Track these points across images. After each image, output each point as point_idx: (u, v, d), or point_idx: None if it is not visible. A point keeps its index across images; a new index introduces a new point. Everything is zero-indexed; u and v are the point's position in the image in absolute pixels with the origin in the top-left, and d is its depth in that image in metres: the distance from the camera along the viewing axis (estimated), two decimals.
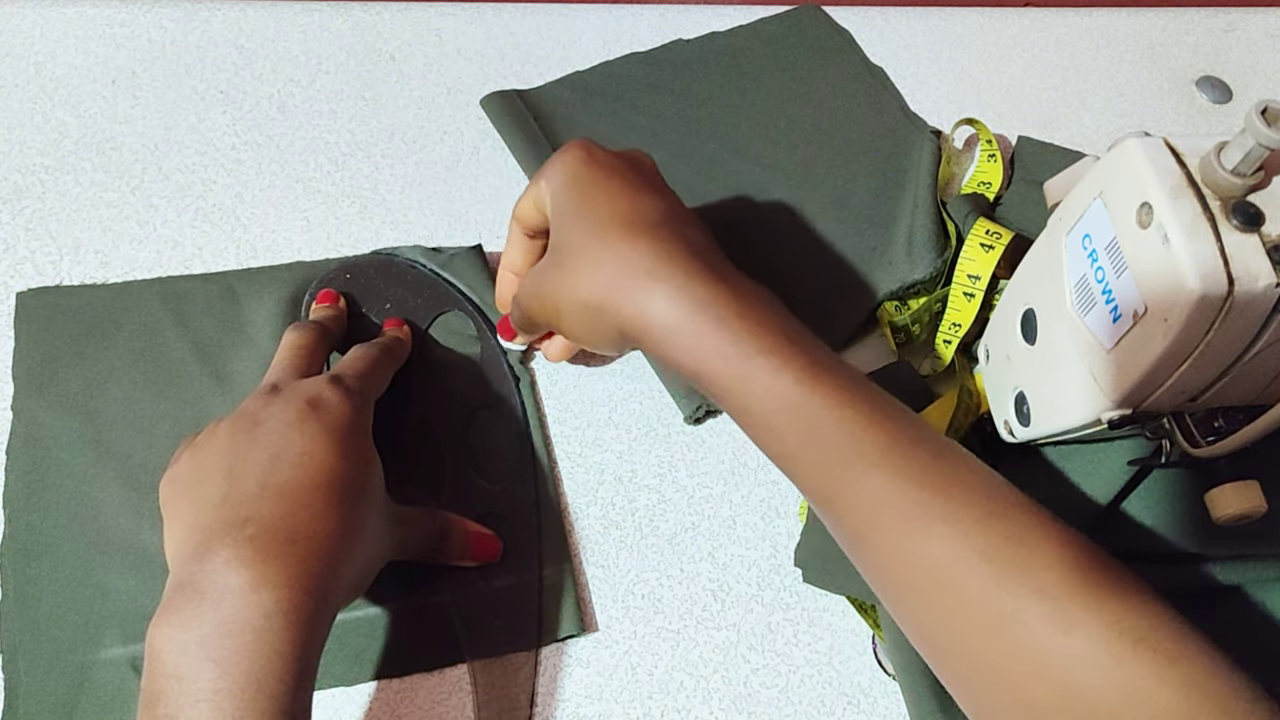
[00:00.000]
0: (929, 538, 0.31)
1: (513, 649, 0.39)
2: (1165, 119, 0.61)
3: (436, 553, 0.39)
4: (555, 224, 0.37)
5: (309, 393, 0.36)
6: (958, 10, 0.65)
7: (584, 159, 0.38)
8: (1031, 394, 0.39)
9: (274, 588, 0.30)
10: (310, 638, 0.31)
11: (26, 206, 0.48)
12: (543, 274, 0.38)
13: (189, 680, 0.29)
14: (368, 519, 0.35)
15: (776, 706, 0.40)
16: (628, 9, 0.61)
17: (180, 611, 0.30)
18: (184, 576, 0.31)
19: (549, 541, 0.42)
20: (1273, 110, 0.29)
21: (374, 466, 0.36)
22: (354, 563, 0.34)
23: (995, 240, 0.47)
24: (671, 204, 0.38)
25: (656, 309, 0.34)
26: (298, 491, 0.33)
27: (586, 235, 0.36)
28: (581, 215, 0.36)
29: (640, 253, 0.34)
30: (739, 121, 0.56)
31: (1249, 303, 0.29)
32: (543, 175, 0.39)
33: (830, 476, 0.33)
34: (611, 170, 0.37)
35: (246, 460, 0.33)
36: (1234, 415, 0.35)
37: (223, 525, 0.31)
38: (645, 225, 0.35)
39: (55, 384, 0.43)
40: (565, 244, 0.36)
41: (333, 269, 0.47)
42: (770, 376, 0.33)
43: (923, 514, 0.31)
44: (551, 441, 0.45)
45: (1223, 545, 0.38)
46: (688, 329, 0.33)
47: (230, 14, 0.57)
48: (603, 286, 0.35)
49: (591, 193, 0.37)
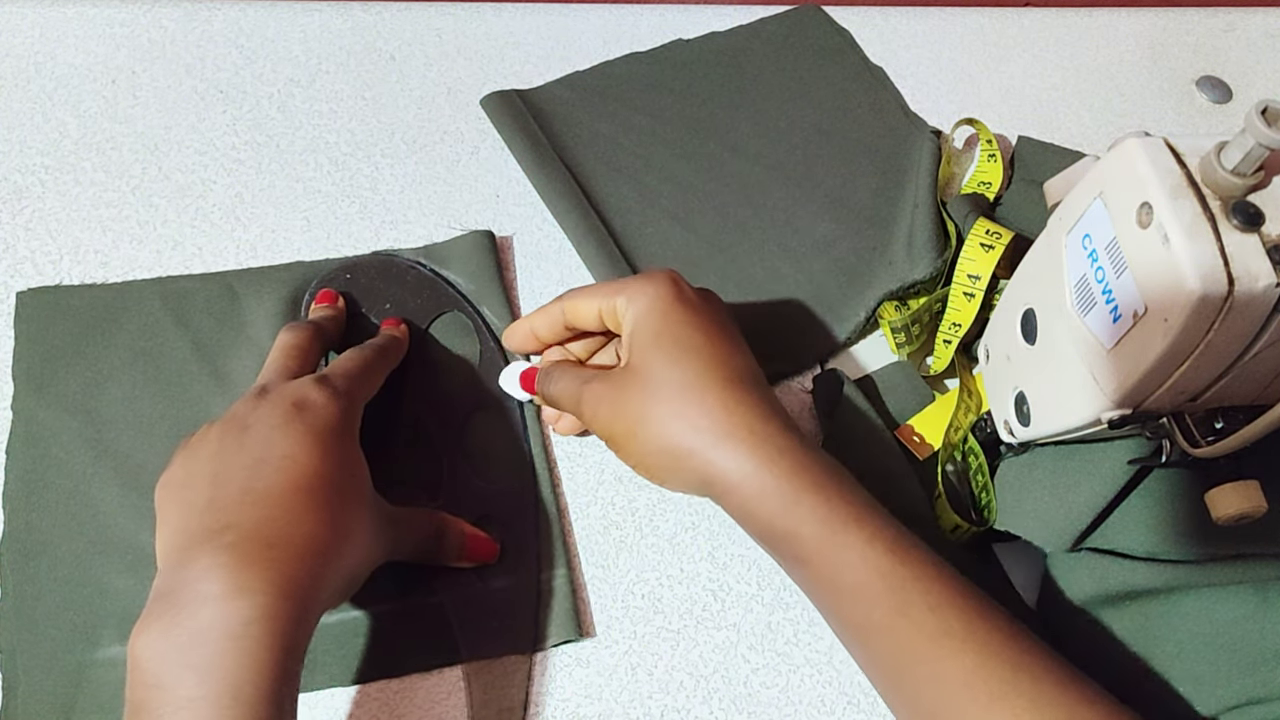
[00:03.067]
0: (1015, 715, 0.31)
1: (509, 651, 0.39)
2: (1165, 119, 0.61)
3: (433, 554, 0.39)
4: (641, 355, 0.37)
5: (295, 394, 0.36)
6: (958, 10, 0.65)
7: (676, 297, 0.38)
8: (1031, 394, 0.39)
9: (251, 594, 0.30)
10: (291, 642, 0.31)
11: (26, 206, 0.48)
12: (624, 393, 0.37)
13: (168, 689, 0.29)
14: (354, 520, 0.35)
15: (776, 706, 0.40)
16: (628, 9, 0.61)
17: (160, 620, 0.30)
18: (164, 585, 0.31)
19: (546, 544, 0.42)
20: (1273, 110, 0.29)
21: (360, 468, 0.36)
22: (340, 565, 0.33)
23: (995, 240, 0.47)
24: (750, 356, 0.39)
25: (752, 468, 0.35)
26: (280, 496, 0.33)
27: (686, 378, 0.36)
28: (679, 355, 0.37)
29: (744, 409, 0.36)
30: (739, 121, 0.56)
31: (1249, 303, 0.29)
32: (624, 293, 0.38)
33: (916, 650, 0.33)
34: (700, 314, 0.38)
35: (232, 465, 0.33)
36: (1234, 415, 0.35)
37: (204, 532, 0.32)
38: (744, 380, 0.37)
39: (55, 383, 0.43)
40: (658, 378, 0.36)
41: (333, 269, 0.47)
42: (864, 545, 0.34)
43: (1012, 691, 0.32)
44: (551, 441, 0.45)
45: (1223, 545, 0.38)
46: (783, 491, 0.34)
47: (230, 14, 0.57)
48: (698, 433, 0.35)
49: (687, 334, 0.37)
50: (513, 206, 0.52)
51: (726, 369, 0.37)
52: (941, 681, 0.33)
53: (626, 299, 0.38)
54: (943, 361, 0.48)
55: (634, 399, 0.37)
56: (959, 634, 0.33)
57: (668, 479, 0.37)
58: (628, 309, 0.38)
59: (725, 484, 0.35)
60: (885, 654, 0.34)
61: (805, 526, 0.34)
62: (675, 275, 0.39)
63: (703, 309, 0.38)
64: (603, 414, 0.38)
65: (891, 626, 0.33)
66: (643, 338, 0.38)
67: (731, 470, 0.35)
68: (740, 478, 0.35)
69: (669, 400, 0.36)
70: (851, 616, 0.35)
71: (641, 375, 0.37)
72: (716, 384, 0.36)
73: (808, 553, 0.35)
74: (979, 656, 0.32)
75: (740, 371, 0.37)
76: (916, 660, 0.33)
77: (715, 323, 0.38)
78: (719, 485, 0.36)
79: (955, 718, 0.32)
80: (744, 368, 0.38)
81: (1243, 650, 0.38)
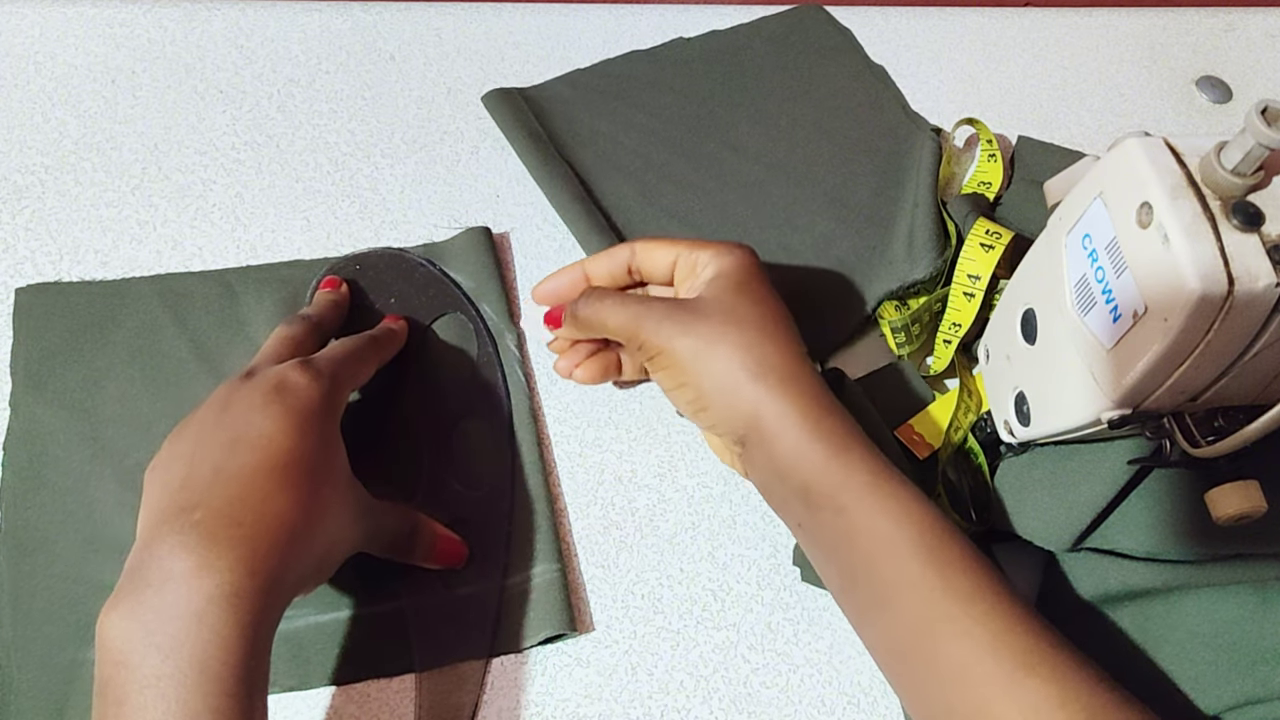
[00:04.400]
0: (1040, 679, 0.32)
1: (465, 658, 0.39)
2: (1165, 119, 0.61)
3: (404, 550, 0.39)
4: (721, 293, 0.39)
5: (278, 377, 0.36)
6: (958, 10, 0.65)
7: (759, 267, 0.41)
8: (1031, 394, 0.39)
9: (216, 571, 0.30)
10: (258, 619, 0.31)
11: (26, 206, 0.48)
12: (690, 316, 0.39)
13: (134, 667, 0.29)
14: (328, 503, 0.34)
15: (776, 706, 0.40)
16: (628, 9, 0.61)
17: (126, 599, 0.30)
18: (133, 563, 0.31)
19: (519, 553, 0.41)
20: (1273, 110, 0.29)
21: (338, 452, 0.36)
22: (311, 546, 0.33)
23: (995, 240, 0.47)
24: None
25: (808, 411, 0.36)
26: (252, 475, 0.33)
27: (762, 319, 0.38)
28: (758, 301, 0.39)
29: (806, 363, 0.38)
30: (740, 120, 0.56)
31: (1249, 303, 0.29)
32: (710, 249, 0.41)
33: (948, 609, 0.33)
34: (775, 292, 0.41)
35: (208, 444, 0.33)
36: (1234, 415, 0.35)
37: (174, 510, 0.32)
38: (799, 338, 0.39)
39: (53, 381, 0.43)
40: (736, 313, 0.38)
41: (343, 258, 0.47)
42: (910, 499, 0.35)
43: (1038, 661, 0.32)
44: (551, 442, 0.45)
45: (1223, 545, 0.38)
46: (837, 437, 0.36)
47: (230, 14, 0.57)
48: (761, 368, 0.37)
49: (765, 293, 0.40)
50: (513, 206, 0.52)
51: (790, 321, 0.39)
52: (970, 642, 0.33)
53: (713, 253, 0.40)
54: (943, 361, 0.48)
55: (708, 322, 0.38)
56: (990, 598, 0.33)
57: (714, 411, 0.38)
58: (711, 262, 0.40)
59: (779, 424, 0.36)
60: (912, 612, 0.34)
61: (855, 475, 0.35)
62: (754, 251, 0.41)
63: (776, 291, 0.41)
64: (666, 330, 0.38)
65: (925, 582, 0.34)
66: (725, 282, 0.39)
67: (788, 411, 0.36)
68: (796, 419, 0.36)
69: (747, 331, 0.38)
70: (884, 570, 0.35)
71: (723, 306, 0.38)
72: (793, 338, 0.38)
73: (850, 500, 0.35)
74: (1006, 622, 0.33)
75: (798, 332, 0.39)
76: (945, 618, 0.33)
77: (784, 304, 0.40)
78: (770, 425, 0.36)
79: (978, 680, 0.32)
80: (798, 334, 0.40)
81: (1243, 650, 0.38)
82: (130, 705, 0.29)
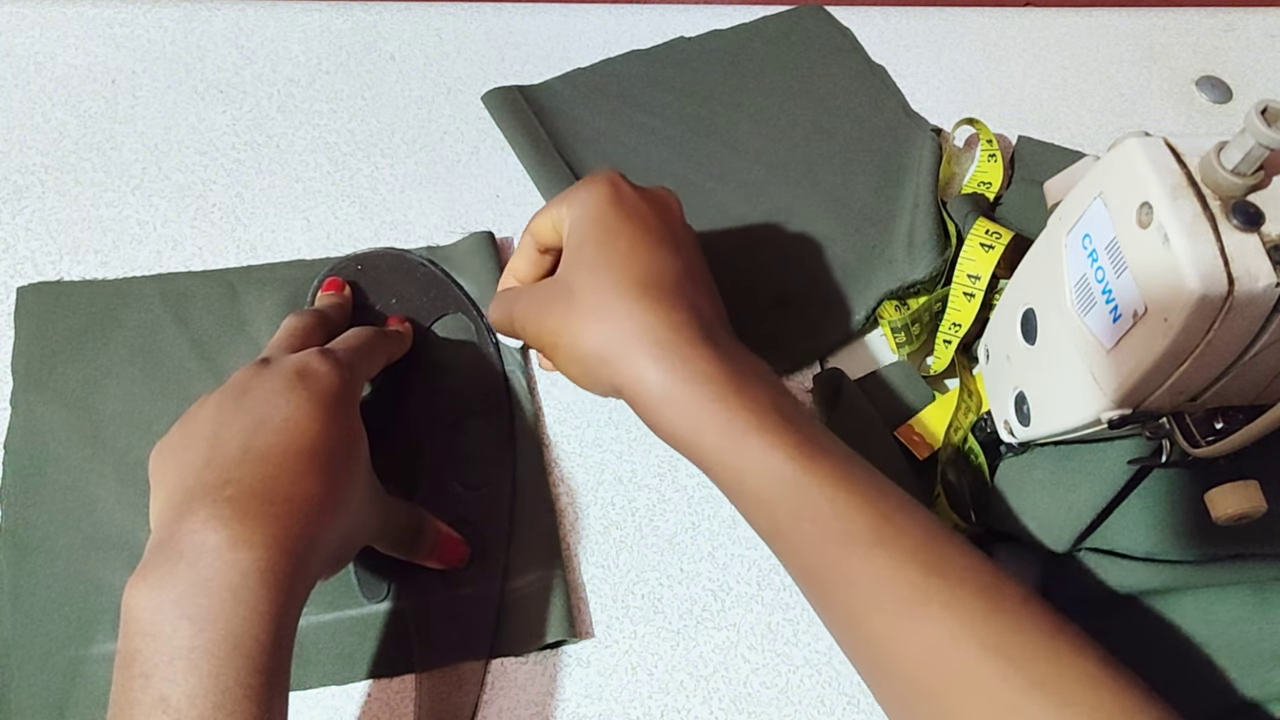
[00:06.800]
0: (929, 620, 0.31)
1: (465, 658, 0.39)
2: (1165, 119, 0.61)
3: (408, 547, 0.39)
4: (570, 258, 0.37)
5: (298, 363, 0.36)
6: (958, 10, 0.65)
7: (611, 198, 0.38)
8: (1031, 394, 0.39)
9: (251, 547, 0.30)
10: (288, 598, 0.31)
11: (26, 206, 0.48)
12: (547, 304, 0.38)
13: (164, 638, 0.29)
14: (350, 488, 0.34)
15: (776, 706, 0.40)
16: (628, 8, 0.61)
17: (157, 570, 0.30)
18: (163, 536, 0.31)
19: (520, 554, 0.41)
20: (1273, 110, 0.29)
21: (360, 438, 0.36)
22: (334, 530, 0.33)
23: (995, 240, 0.47)
24: (688, 261, 0.38)
25: (657, 377, 0.34)
26: (280, 456, 0.32)
27: (601, 285, 0.36)
28: (599, 261, 0.36)
29: (651, 317, 0.35)
30: (740, 119, 0.56)
31: (1249, 303, 0.29)
32: (565, 201, 0.39)
33: (824, 555, 0.33)
34: (636, 216, 0.38)
35: (231, 426, 0.33)
36: (1234, 415, 0.35)
37: (203, 487, 0.31)
38: (660, 287, 0.36)
39: (54, 379, 0.43)
40: (577, 286, 0.36)
41: (344, 258, 0.47)
42: (763, 453, 0.33)
43: (924, 597, 0.31)
44: (551, 442, 0.45)
45: (1223, 545, 0.38)
46: (685, 401, 0.34)
47: (230, 14, 0.57)
48: (607, 342, 0.35)
49: (613, 239, 0.37)
50: (513, 206, 0.52)
51: (645, 276, 0.36)
52: (852, 586, 0.32)
53: (567, 205, 0.38)
54: (943, 361, 0.48)
55: (556, 309, 0.37)
56: (867, 539, 0.32)
57: (590, 385, 0.37)
58: (566, 215, 0.38)
59: (632, 392, 0.35)
60: (796, 558, 0.34)
61: (706, 436, 0.34)
62: (616, 177, 0.39)
63: (636, 213, 0.38)
64: (530, 329, 0.38)
65: (796, 531, 0.33)
66: (571, 244, 0.38)
67: (635, 379, 0.35)
68: (644, 387, 0.35)
69: (584, 309, 0.36)
70: (759, 524, 0.35)
71: (563, 284, 0.37)
72: (630, 292, 0.35)
73: (709, 461, 0.35)
74: (891, 561, 0.32)
75: (659, 278, 0.36)
76: (826, 564, 0.33)
77: (645, 227, 0.37)
78: (627, 393, 0.35)
79: (869, 623, 0.32)
80: (666, 274, 0.36)
81: (1242, 650, 0.38)
82: (158, 677, 0.29)
